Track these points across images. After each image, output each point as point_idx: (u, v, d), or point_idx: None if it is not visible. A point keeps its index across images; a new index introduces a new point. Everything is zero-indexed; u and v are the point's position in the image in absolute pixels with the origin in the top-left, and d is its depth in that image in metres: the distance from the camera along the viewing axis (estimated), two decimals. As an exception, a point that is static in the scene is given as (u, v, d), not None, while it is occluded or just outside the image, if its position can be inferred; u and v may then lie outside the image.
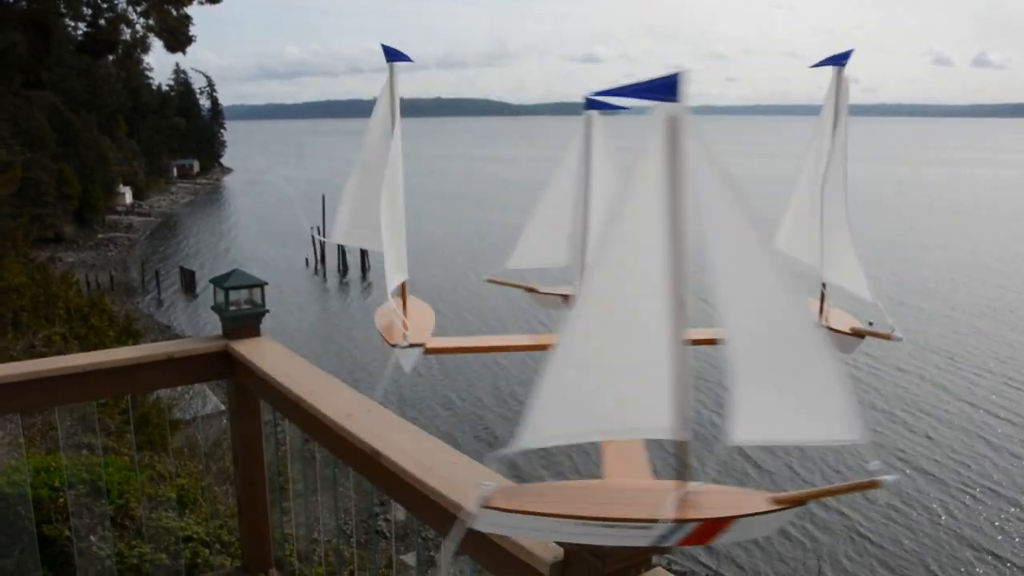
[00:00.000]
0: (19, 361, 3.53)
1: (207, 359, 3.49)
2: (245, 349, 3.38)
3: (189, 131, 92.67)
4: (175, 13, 56.37)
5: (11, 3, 48.62)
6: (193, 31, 59.09)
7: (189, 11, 57.46)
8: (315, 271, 47.66)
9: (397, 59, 2.56)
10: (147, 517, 4.60)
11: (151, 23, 57.68)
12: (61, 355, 3.84)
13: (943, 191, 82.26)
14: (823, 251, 2.55)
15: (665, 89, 1.38)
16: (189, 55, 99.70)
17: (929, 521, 18.03)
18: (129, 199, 68.68)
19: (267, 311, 3.57)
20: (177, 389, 12.72)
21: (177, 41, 58.30)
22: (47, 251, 44.02)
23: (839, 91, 2.52)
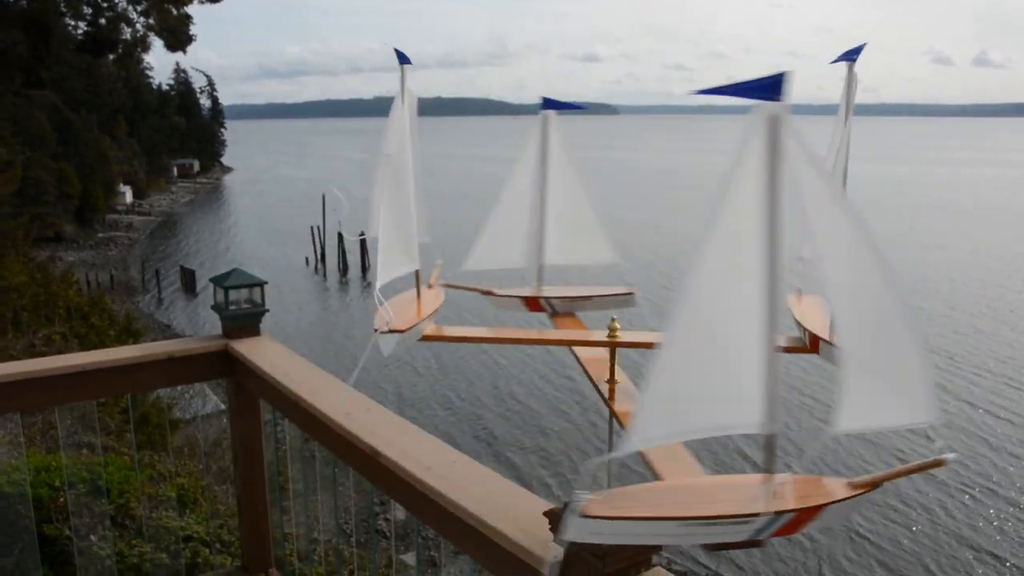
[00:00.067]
0: (19, 360, 3.53)
1: (207, 358, 3.49)
2: (245, 348, 3.38)
3: (189, 130, 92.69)
4: (175, 12, 56.32)
5: (11, 2, 48.60)
6: (193, 30, 59.03)
7: (189, 10, 57.38)
8: (315, 270, 47.68)
9: (406, 62, 2.55)
10: (147, 516, 4.61)
11: (151, 22, 57.62)
12: (61, 354, 3.84)
13: (943, 191, 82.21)
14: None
15: (769, 88, 1.39)
16: (189, 54, 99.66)
17: (928, 521, 18.03)
18: (129, 198, 68.72)
19: (267, 310, 3.57)
20: (177, 388, 12.72)
21: (177, 40, 58.25)
22: (47, 250, 44.02)
23: (850, 87, 2.53)
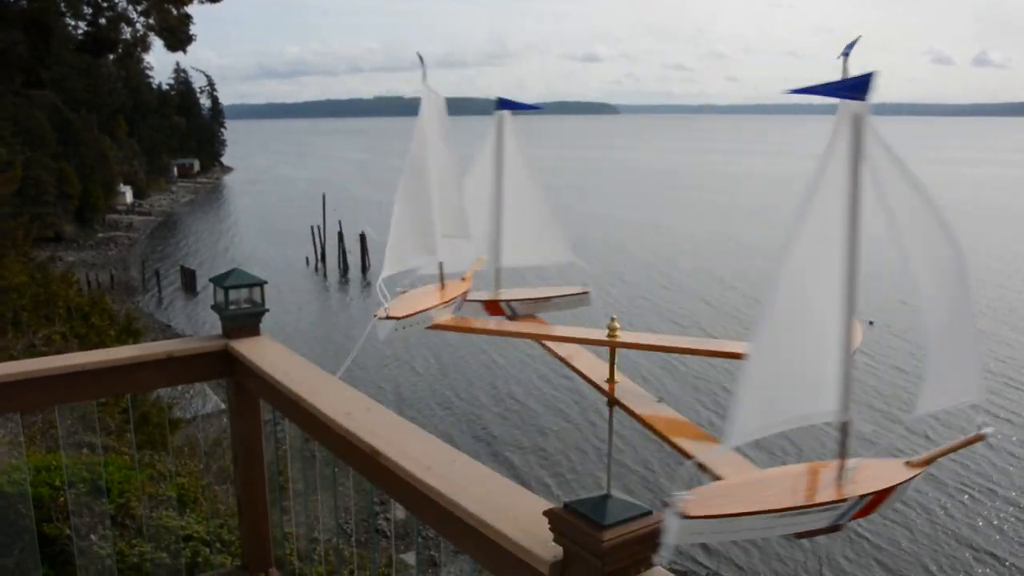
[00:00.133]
0: (19, 360, 3.53)
1: (207, 358, 3.49)
2: (245, 348, 3.38)
3: (189, 130, 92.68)
4: (175, 12, 56.35)
5: (12, 2, 48.60)
6: (193, 30, 59.11)
7: (189, 10, 57.47)
8: (315, 270, 47.66)
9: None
10: (147, 516, 4.61)
11: (151, 22, 57.68)
12: (61, 354, 3.84)
13: (943, 190, 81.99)
14: None
15: (858, 87, 1.43)
16: (189, 54, 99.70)
17: (928, 521, 18.04)
18: (129, 198, 68.70)
19: (267, 310, 3.57)
20: (177, 388, 12.72)
21: (177, 40, 58.28)
22: (47, 250, 44.02)
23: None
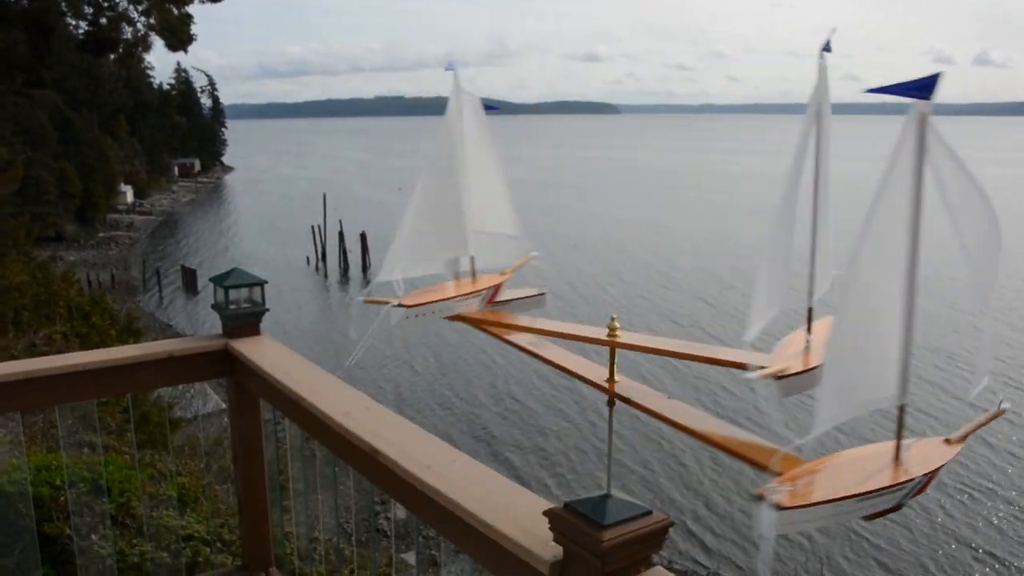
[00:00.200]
0: (20, 360, 3.54)
1: (207, 358, 3.50)
2: (245, 348, 3.38)
3: (190, 130, 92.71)
4: (176, 12, 56.37)
5: (12, 2, 48.62)
6: (194, 30, 59.09)
7: (190, 10, 57.45)
8: (316, 269, 47.68)
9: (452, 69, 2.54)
10: (148, 516, 4.61)
11: (152, 22, 57.67)
12: (62, 354, 3.85)
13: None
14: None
15: (927, 87, 1.47)
16: (190, 54, 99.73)
17: (927, 521, 18.04)
18: (130, 198, 68.74)
19: (267, 310, 3.57)
20: (178, 388, 12.72)
21: (178, 40, 58.28)
22: (48, 250, 44.04)
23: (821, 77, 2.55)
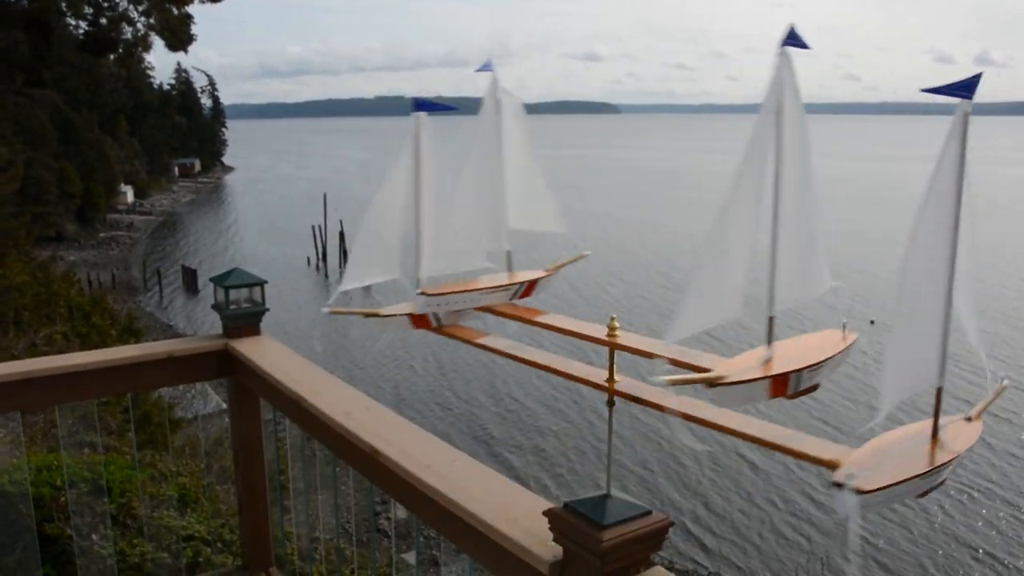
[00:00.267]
0: (21, 360, 3.54)
1: (207, 358, 3.50)
2: (245, 348, 3.38)
3: (190, 130, 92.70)
4: (176, 12, 56.43)
5: (13, 2, 48.64)
6: (194, 30, 59.20)
7: (190, 10, 57.58)
8: (316, 269, 47.70)
9: (488, 69, 2.53)
10: (148, 516, 4.61)
11: (152, 22, 57.76)
12: (62, 354, 3.85)
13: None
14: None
15: (971, 87, 1.51)
16: (190, 54, 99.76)
17: (927, 521, 18.04)
18: (131, 198, 68.75)
19: (267, 310, 3.57)
20: (178, 388, 12.73)
21: (178, 40, 58.35)
22: (49, 250, 44.02)
23: (781, 71, 2.51)
